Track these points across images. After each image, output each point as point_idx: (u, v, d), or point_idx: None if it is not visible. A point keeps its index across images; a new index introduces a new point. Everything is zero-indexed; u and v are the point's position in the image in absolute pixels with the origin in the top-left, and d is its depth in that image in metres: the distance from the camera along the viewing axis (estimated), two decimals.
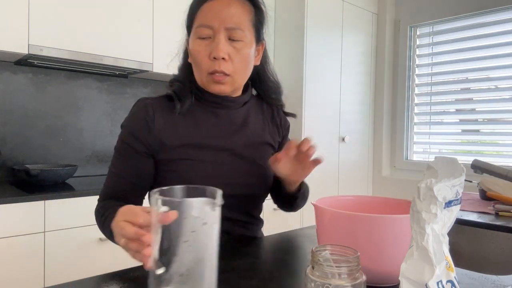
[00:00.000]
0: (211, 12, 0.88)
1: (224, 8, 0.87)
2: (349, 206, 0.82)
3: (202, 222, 0.51)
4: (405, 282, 0.51)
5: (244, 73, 0.94)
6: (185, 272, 0.50)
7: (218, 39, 0.87)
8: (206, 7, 0.89)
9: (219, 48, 0.86)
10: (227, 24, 0.87)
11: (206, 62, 0.89)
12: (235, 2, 0.89)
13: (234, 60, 0.89)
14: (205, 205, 0.51)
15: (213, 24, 0.87)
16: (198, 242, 0.51)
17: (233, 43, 0.88)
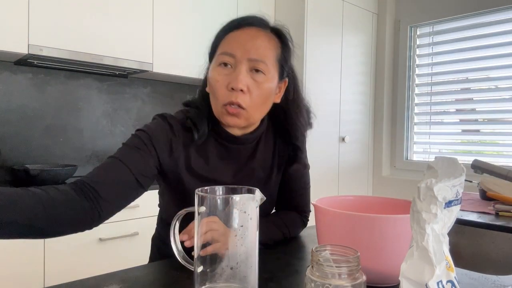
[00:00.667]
0: (236, 41, 0.85)
1: (250, 39, 0.85)
2: (349, 206, 0.82)
3: (249, 217, 0.55)
4: (405, 282, 0.51)
5: (261, 109, 0.89)
6: (235, 265, 0.53)
7: (239, 69, 0.83)
8: (231, 36, 0.87)
9: (238, 79, 0.82)
10: (251, 55, 0.84)
11: (223, 92, 0.85)
12: (262, 35, 0.86)
13: (253, 94, 0.85)
14: (250, 201, 0.55)
15: (236, 52, 0.84)
16: (246, 236, 0.55)
17: (255, 75, 0.85)
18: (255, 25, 0.88)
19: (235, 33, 0.86)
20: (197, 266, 0.57)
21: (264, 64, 0.85)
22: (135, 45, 2.18)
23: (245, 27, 0.87)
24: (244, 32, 0.86)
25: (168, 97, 2.74)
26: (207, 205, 0.56)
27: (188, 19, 2.40)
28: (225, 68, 0.85)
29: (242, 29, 0.86)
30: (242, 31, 0.86)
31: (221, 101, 0.85)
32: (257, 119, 0.91)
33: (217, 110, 0.88)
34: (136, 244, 1.97)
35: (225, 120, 0.87)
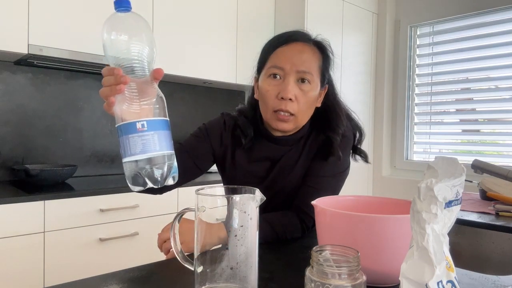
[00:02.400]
0: (285, 56, 0.96)
1: (297, 54, 0.96)
2: (349, 206, 0.81)
3: (249, 217, 0.55)
4: (405, 282, 0.51)
5: (307, 114, 1.01)
6: (235, 265, 0.53)
7: (288, 80, 0.95)
8: (280, 51, 0.98)
9: (288, 90, 0.94)
10: (298, 67, 0.95)
11: (273, 100, 0.96)
12: (307, 49, 0.98)
13: (300, 102, 0.96)
14: (250, 201, 0.55)
15: (285, 66, 0.95)
16: (246, 236, 0.55)
17: (301, 86, 0.96)
18: (300, 40, 0.99)
19: (283, 48, 0.97)
20: (197, 266, 0.57)
21: (310, 75, 0.96)
22: None
23: (291, 43, 0.98)
24: (291, 47, 0.97)
25: (168, 97, 2.73)
26: (207, 205, 0.56)
27: (188, 19, 2.40)
28: (275, 80, 0.97)
29: (289, 45, 0.98)
30: (290, 46, 0.97)
31: (271, 108, 0.97)
32: (303, 123, 1.03)
33: (267, 115, 1.00)
34: (136, 244, 1.97)
35: (275, 125, 0.99)
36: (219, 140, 1.07)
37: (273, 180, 1.07)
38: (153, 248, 2.04)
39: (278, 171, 1.07)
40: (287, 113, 0.96)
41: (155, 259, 0.86)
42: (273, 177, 1.07)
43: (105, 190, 1.89)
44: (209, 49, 2.52)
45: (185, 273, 0.73)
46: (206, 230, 0.57)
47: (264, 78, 0.99)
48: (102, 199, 1.87)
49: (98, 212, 1.85)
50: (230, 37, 2.63)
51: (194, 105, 2.87)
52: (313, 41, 1.02)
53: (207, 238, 0.57)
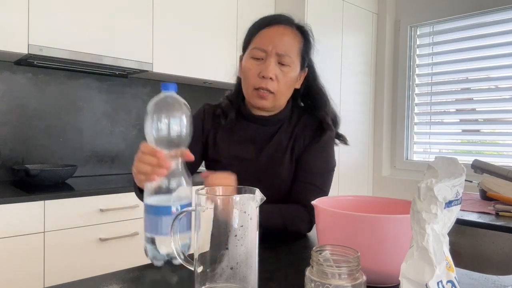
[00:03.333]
0: (267, 38, 1.01)
1: (278, 36, 1.01)
2: (349, 206, 0.81)
3: (249, 217, 0.55)
4: (405, 282, 0.51)
5: (286, 94, 1.06)
6: (235, 265, 0.53)
7: (269, 61, 1.00)
8: (263, 33, 1.03)
9: (269, 69, 0.99)
10: (279, 50, 1.00)
11: (254, 79, 1.02)
12: (289, 32, 1.03)
13: (280, 81, 1.02)
14: (250, 201, 0.55)
15: (267, 48, 1.00)
16: (246, 236, 0.55)
17: (281, 67, 1.01)
18: (283, 23, 1.04)
19: (267, 30, 1.02)
20: (197, 266, 0.57)
21: (289, 57, 1.01)
22: (135, 45, 2.19)
23: (275, 25, 1.03)
24: (274, 30, 1.02)
25: None
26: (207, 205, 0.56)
27: (188, 19, 2.40)
28: (257, 60, 1.02)
29: (272, 27, 1.02)
30: (273, 29, 1.02)
31: (252, 85, 1.02)
32: (282, 103, 1.07)
33: (247, 93, 1.05)
34: (136, 244, 1.97)
35: (254, 102, 1.04)
36: (201, 128, 1.12)
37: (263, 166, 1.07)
38: None
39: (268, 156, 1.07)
40: (267, 91, 1.01)
41: None
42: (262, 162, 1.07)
43: (105, 190, 1.89)
44: (209, 49, 2.52)
45: (185, 273, 0.73)
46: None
47: (247, 58, 1.04)
48: (102, 199, 1.87)
49: (98, 212, 1.85)
50: (230, 37, 2.63)
51: (194, 105, 2.86)
52: (295, 25, 1.06)
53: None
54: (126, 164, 2.55)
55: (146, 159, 0.73)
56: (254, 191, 0.58)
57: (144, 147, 0.75)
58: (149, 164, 0.73)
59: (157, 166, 0.72)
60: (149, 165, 0.73)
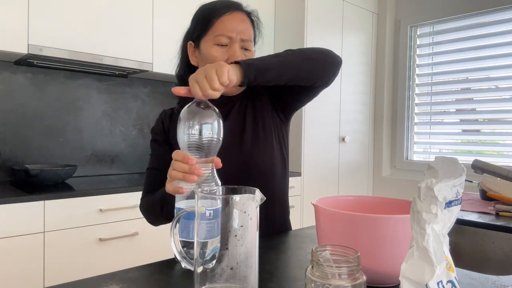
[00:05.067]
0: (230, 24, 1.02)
1: (240, 23, 1.03)
2: (349, 206, 0.81)
3: (249, 217, 0.55)
4: (405, 282, 0.51)
5: None
6: (235, 265, 0.54)
7: (235, 47, 1.02)
8: (225, 19, 1.03)
9: (236, 55, 1.01)
10: (243, 36, 1.03)
11: None
12: (246, 19, 1.06)
13: None
14: (250, 201, 0.55)
15: (232, 34, 1.02)
16: (246, 236, 0.55)
17: (245, 52, 1.04)
18: (240, 10, 1.06)
19: (228, 17, 1.03)
20: (197, 266, 0.57)
21: (250, 42, 1.05)
22: (135, 45, 2.18)
23: (234, 11, 1.04)
24: (235, 16, 1.03)
25: (168, 97, 2.74)
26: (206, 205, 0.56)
27: (188, 19, 2.39)
28: (222, 47, 1.02)
29: (232, 13, 1.03)
30: (233, 15, 1.03)
31: None
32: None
33: None
34: (136, 244, 1.97)
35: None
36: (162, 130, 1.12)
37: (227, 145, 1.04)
38: (153, 248, 2.05)
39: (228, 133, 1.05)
40: None
41: (155, 259, 0.86)
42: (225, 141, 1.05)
43: (105, 190, 1.89)
44: None
45: (185, 273, 0.73)
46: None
47: (210, 45, 1.03)
48: (102, 199, 1.87)
49: (98, 212, 1.85)
50: None
51: None
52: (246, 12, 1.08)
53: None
54: (126, 164, 2.55)
55: (178, 166, 0.75)
56: (254, 191, 0.58)
57: (176, 154, 0.76)
58: (181, 171, 0.74)
59: (188, 172, 0.73)
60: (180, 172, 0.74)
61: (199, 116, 0.75)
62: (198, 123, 0.75)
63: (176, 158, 0.76)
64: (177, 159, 0.76)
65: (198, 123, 0.75)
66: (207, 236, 0.58)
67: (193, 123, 0.75)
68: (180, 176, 0.74)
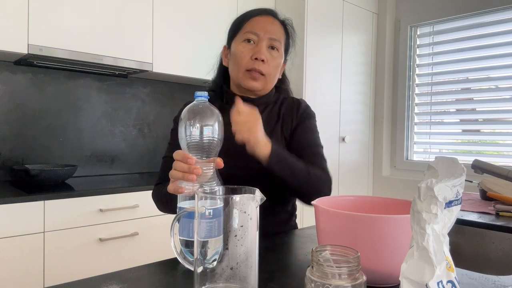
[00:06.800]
0: (259, 24, 1.08)
1: (270, 23, 1.10)
2: (349, 206, 0.81)
3: (249, 217, 0.55)
4: (405, 282, 0.51)
5: (274, 77, 1.12)
6: (235, 265, 0.54)
7: (261, 45, 1.06)
8: (254, 20, 1.09)
9: (261, 52, 1.05)
10: (271, 34, 1.07)
11: (247, 61, 1.06)
12: (277, 23, 1.12)
13: (270, 64, 1.08)
14: (250, 201, 0.56)
15: (259, 32, 1.07)
16: (246, 236, 0.55)
17: (271, 51, 1.08)
18: (272, 15, 1.12)
19: (258, 18, 1.09)
20: (197, 266, 0.57)
21: (278, 42, 1.09)
22: (135, 45, 2.18)
23: (265, 15, 1.11)
24: (265, 18, 1.10)
25: (168, 97, 2.74)
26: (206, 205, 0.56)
27: (188, 19, 2.40)
28: (249, 44, 1.07)
29: (263, 16, 1.10)
30: (263, 17, 1.10)
31: (244, 67, 1.07)
32: (270, 85, 1.13)
33: (239, 76, 1.09)
34: (136, 244, 1.97)
35: (246, 83, 1.07)
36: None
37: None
38: (153, 248, 2.05)
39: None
40: (259, 73, 1.06)
41: (155, 259, 0.86)
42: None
43: (105, 190, 1.89)
44: (209, 49, 2.52)
45: (185, 273, 0.73)
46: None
47: (239, 42, 1.08)
48: (102, 199, 1.87)
49: (98, 212, 1.85)
50: None
51: None
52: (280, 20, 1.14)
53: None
54: (126, 164, 2.55)
55: (178, 165, 0.76)
56: (254, 191, 0.58)
57: (176, 154, 0.77)
58: (180, 170, 0.75)
59: (188, 172, 0.74)
60: (180, 172, 0.75)
61: (200, 117, 0.76)
62: (199, 124, 0.75)
63: (176, 158, 0.77)
64: (177, 158, 0.76)
65: (199, 123, 0.75)
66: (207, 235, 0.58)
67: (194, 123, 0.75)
68: (180, 176, 0.75)
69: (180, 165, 0.75)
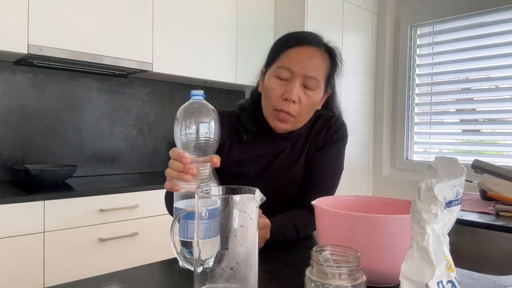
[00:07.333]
0: (295, 59, 0.96)
1: (307, 58, 0.96)
2: (349, 206, 0.81)
3: (249, 217, 0.55)
4: (405, 282, 0.51)
5: (307, 116, 1.02)
6: (235, 265, 0.54)
7: (294, 83, 0.95)
8: (291, 52, 0.97)
9: (293, 92, 0.94)
10: (306, 72, 0.95)
11: (276, 99, 0.96)
12: (318, 54, 0.98)
13: (302, 104, 0.96)
14: (250, 201, 0.55)
15: (294, 69, 0.95)
16: (246, 236, 0.55)
17: (306, 90, 0.97)
18: (312, 45, 0.98)
19: (295, 50, 0.97)
20: (197, 266, 0.57)
21: (316, 80, 0.96)
22: (135, 45, 2.18)
23: (304, 46, 0.97)
24: (302, 51, 0.96)
25: (168, 97, 2.74)
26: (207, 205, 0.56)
27: (188, 19, 2.40)
28: (282, 80, 0.97)
29: (301, 47, 0.97)
30: (301, 49, 0.97)
31: (273, 106, 0.98)
32: (302, 124, 1.03)
33: (267, 112, 1.00)
34: (136, 244, 1.97)
35: (274, 124, 1.00)
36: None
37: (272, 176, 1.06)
38: (153, 248, 2.05)
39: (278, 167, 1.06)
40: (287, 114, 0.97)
41: (155, 259, 0.86)
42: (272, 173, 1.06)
43: (105, 190, 1.89)
44: (209, 49, 2.52)
45: (185, 273, 0.73)
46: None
47: (271, 76, 0.99)
48: (102, 199, 1.87)
49: (98, 212, 1.85)
50: (230, 37, 2.63)
51: None
52: (324, 46, 1.02)
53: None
54: (126, 164, 2.55)
55: (173, 164, 0.73)
56: (254, 191, 0.58)
57: (172, 152, 0.75)
58: (176, 170, 0.73)
59: (183, 171, 0.72)
60: (176, 171, 0.73)
61: (195, 116, 0.74)
62: (194, 123, 0.74)
63: (171, 156, 0.75)
64: (172, 157, 0.75)
65: (195, 122, 0.74)
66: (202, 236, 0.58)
67: (189, 122, 0.74)
68: (175, 175, 0.73)
69: (175, 164, 0.73)
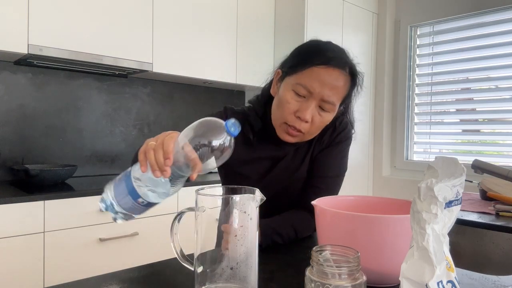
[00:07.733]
0: (318, 80, 0.91)
1: (330, 82, 0.91)
2: (349, 206, 0.81)
3: (249, 217, 0.55)
4: (405, 282, 0.51)
5: (316, 133, 1.00)
6: (235, 265, 0.53)
7: (310, 103, 0.92)
8: (315, 72, 0.92)
9: (307, 112, 0.92)
10: (325, 97, 0.92)
11: (289, 115, 0.94)
12: (342, 78, 0.93)
13: (315, 123, 0.95)
14: (250, 201, 0.55)
15: (313, 90, 0.91)
16: (246, 236, 0.55)
17: (321, 111, 0.94)
18: (338, 67, 0.93)
19: (319, 70, 0.91)
20: (197, 266, 0.57)
21: (332, 105, 0.94)
22: (135, 45, 2.18)
23: (329, 67, 0.92)
24: (327, 73, 0.91)
25: (168, 97, 2.74)
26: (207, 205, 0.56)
27: (188, 19, 2.40)
28: (299, 97, 0.93)
29: (326, 68, 0.91)
30: (326, 71, 0.91)
31: (284, 119, 0.95)
32: (308, 139, 1.02)
33: (276, 122, 0.98)
34: (136, 244, 1.97)
35: (281, 136, 0.98)
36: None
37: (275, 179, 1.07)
38: (153, 248, 2.05)
39: (281, 170, 1.06)
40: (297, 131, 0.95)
41: (155, 259, 0.86)
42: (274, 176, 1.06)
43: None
44: (209, 49, 2.52)
45: (185, 273, 0.72)
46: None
47: (288, 89, 0.94)
48: None
49: (98, 212, 1.85)
50: (230, 37, 2.63)
51: (194, 105, 2.87)
52: (349, 68, 0.97)
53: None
54: (126, 164, 2.54)
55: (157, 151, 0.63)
56: (254, 191, 0.57)
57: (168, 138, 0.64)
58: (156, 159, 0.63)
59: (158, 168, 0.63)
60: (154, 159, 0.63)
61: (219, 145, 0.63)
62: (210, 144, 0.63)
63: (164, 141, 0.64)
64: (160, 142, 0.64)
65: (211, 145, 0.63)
66: (128, 209, 0.60)
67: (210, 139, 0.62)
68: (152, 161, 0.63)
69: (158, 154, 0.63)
